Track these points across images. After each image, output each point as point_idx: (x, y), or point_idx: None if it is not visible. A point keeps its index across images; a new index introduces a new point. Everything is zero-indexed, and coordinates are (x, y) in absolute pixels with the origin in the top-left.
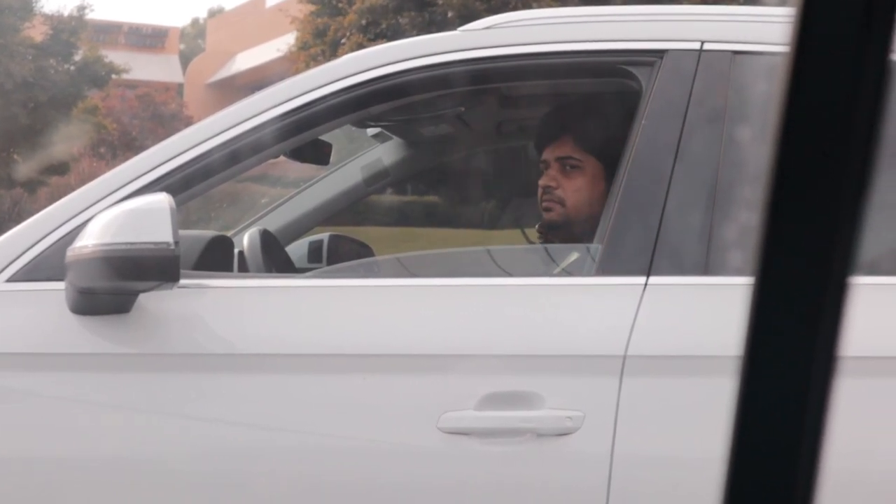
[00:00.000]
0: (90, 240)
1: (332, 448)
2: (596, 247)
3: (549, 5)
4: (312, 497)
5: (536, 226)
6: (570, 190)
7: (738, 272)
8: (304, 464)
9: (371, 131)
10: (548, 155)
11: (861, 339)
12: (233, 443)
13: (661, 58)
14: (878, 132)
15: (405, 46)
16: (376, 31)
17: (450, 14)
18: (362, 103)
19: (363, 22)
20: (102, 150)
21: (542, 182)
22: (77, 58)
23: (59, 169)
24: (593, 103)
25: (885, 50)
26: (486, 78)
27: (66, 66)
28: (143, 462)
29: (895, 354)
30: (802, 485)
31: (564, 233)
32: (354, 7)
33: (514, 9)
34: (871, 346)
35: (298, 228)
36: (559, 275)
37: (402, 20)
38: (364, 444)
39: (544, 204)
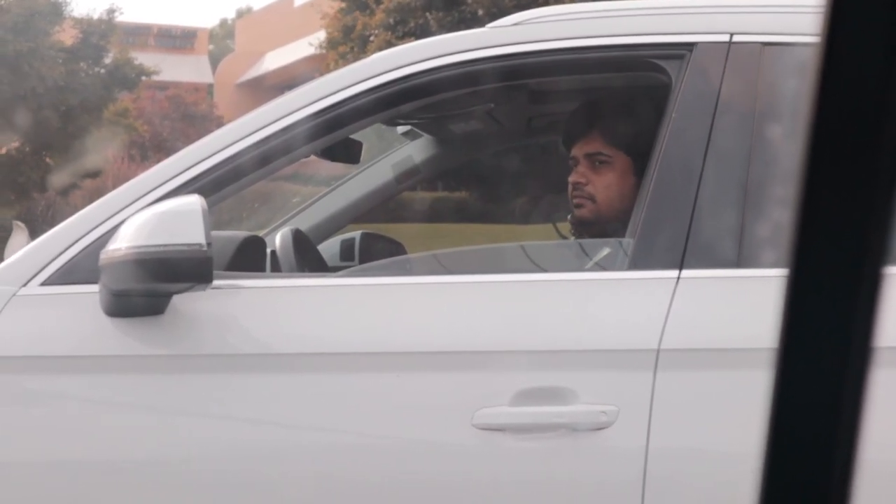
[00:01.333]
0: (123, 242)
1: (368, 446)
2: (628, 241)
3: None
4: (348, 495)
5: (568, 219)
6: (600, 186)
7: (771, 265)
8: (339, 463)
9: (401, 129)
10: (576, 151)
11: None
12: (268, 443)
13: (691, 51)
14: None
15: (434, 44)
16: (405, 29)
17: (480, 11)
18: (392, 102)
19: (391, 21)
20: (134, 152)
21: (571, 179)
22: (107, 61)
23: (92, 172)
24: (620, 98)
25: None
26: (515, 74)
27: (96, 69)
28: (178, 464)
29: None
30: (839, 477)
31: (596, 228)
32: (382, 6)
33: (543, 5)
34: None
35: (330, 227)
36: (592, 269)
37: (431, 18)
38: (399, 441)
39: (575, 200)
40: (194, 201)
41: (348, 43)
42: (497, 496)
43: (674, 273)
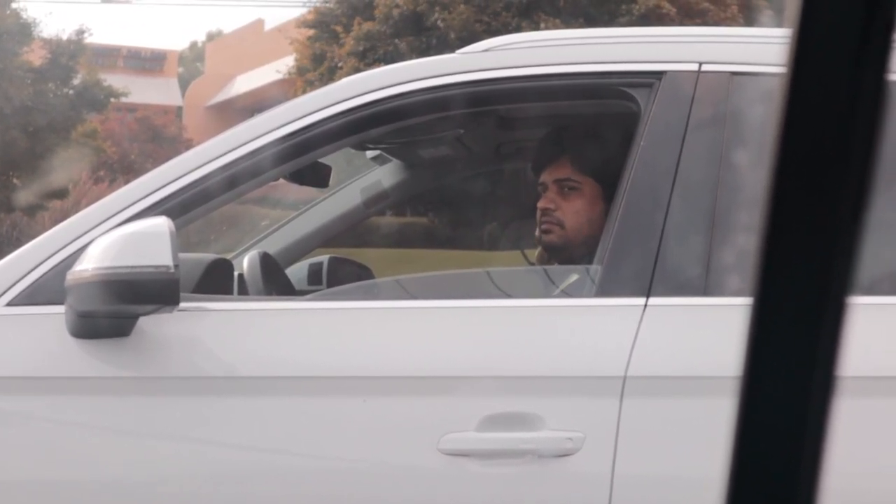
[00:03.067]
0: (90, 263)
1: (334, 470)
2: (595, 268)
3: (550, 27)
4: None
5: (537, 248)
6: (568, 212)
7: (738, 293)
8: (305, 486)
9: (370, 154)
10: (546, 177)
11: (860, 358)
12: (234, 466)
13: (660, 79)
14: (875, 152)
15: (403, 69)
16: (374, 56)
17: (451, 35)
18: (361, 126)
19: (360, 48)
20: (102, 173)
21: (540, 204)
22: (76, 81)
23: (59, 193)
24: (590, 125)
25: (882, 71)
26: (484, 100)
27: (65, 89)
28: (143, 486)
29: (894, 374)
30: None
31: (564, 255)
32: (352, 33)
33: (515, 31)
34: (870, 366)
35: (298, 251)
36: (559, 296)
37: (401, 45)
38: (365, 465)
39: (543, 226)
40: (162, 223)
41: (317, 70)
42: None
43: (641, 300)
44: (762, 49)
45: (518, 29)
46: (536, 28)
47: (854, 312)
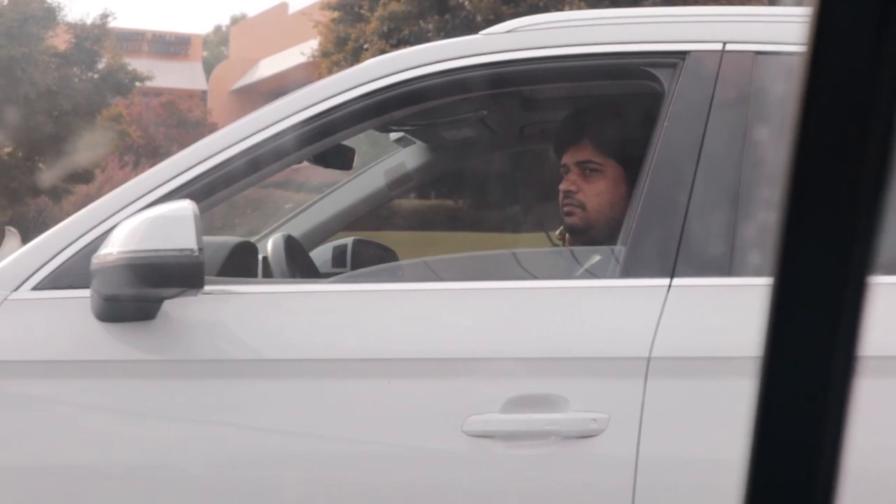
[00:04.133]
0: (115, 247)
1: (358, 453)
2: (619, 249)
3: (575, 9)
4: (340, 502)
5: (559, 229)
6: (590, 194)
7: (762, 273)
8: (330, 469)
9: (393, 136)
10: (567, 159)
11: (881, 338)
12: (258, 449)
13: (684, 59)
14: None
15: (427, 51)
16: (399, 36)
17: (478, 18)
18: (384, 108)
19: (385, 28)
20: (127, 157)
21: (562, 186)
22: (101, 66)
23: (84, 177)
24: (612, 106)
25: None
26: (508, 81)
27: (89, 74)
28: (168, 469)
29: None
30: (823, 484)
31: (586, 236)
32: (377, 14)
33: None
34: (890, 346)
35: (322, 233)
36: (583, 277)
37: (425, 25)
38: (390, 448)
39: (565, 208)
40: (186, 206)
41: (342, 52)
42: (487, 503)
43: (665, 281)
44: (786, 28)
45: (545, 11)
46: (561, 10)
47: (875, 292)
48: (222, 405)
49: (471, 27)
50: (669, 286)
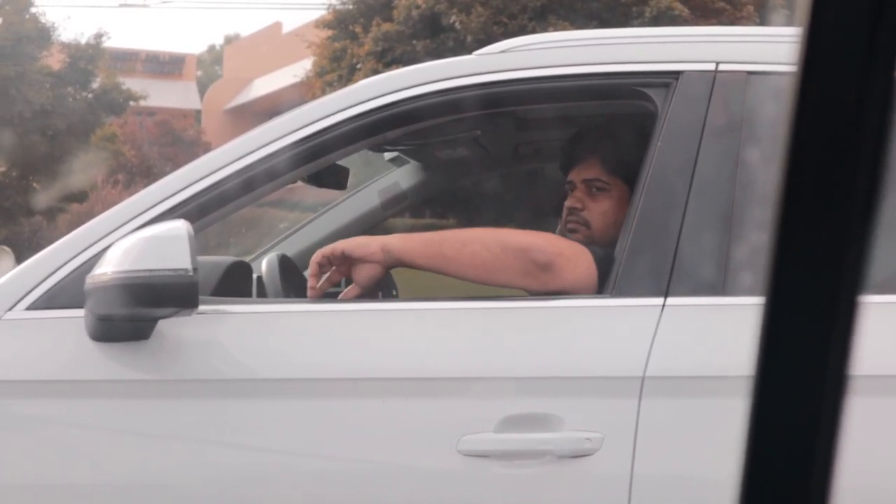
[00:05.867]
0: (109, 267)
1: (353, 472)
2: (614, 268)
3: (562, 30)
4: None
5: None
6: (596, 212)
7: (755, 292)
8: (325, 488)
9: (388, 155)
10: (574, 176)
11: (872, 357)
12: (253, 468)
13: (677, 79)
14: (886, 150)
15: (420, 71)
16: (392, 55)
17: (468, 38)
18: (378, 128)
19: (378, 48)
20: (121, 176)
21: (567, 204)
22: (95, 85)
23: (78, 196)
24: (621, 126)
25: (891, 68)
26: (502, 101)
27: (84, 93)
28: (162, 489)
29: None
30: (815, 502)
31: None
32: (371, 34)
33: (532, 32)
34: (881, 365)
35: None
36: (577, 296)
37: (418, 46)
38: (384, 467)
39: (569, 226)
40: (180, 226)
41: (336, 71)
42: None
43: (659, 300)
44: (778, 48)
45: (533, 32)
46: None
47: (866, 311)
48: (217, 425)
49: (462, 49)
50: (664, 305)
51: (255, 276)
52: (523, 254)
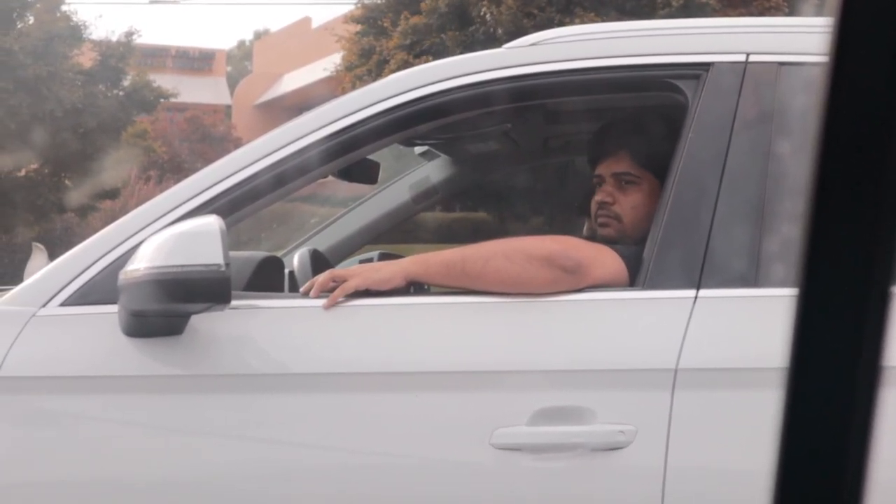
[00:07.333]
0: (142, 263)
1: (386, 466)
2: (647, 260)
3: (587, 21)
4: None
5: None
6: (626, 206)
7: (787, 284)
8: (357, 482)
9: (418, 149)
10: (603, 170)
11: None
12: (286, 463)
13: (707, 70)
14: None
15: (450, 65)
16: (420, 48)
17: (499, 31)
18: (408, 123)
19: (407, 42)
20: (152, 173)
21: (597, 198)
22: (126, 83)
23: (110, 193)
24: (651, 118)
25: None
26: (532, 94)
27: (115, 91)
28: (196, 484)
29: None
30: (850, 493)
31: None
32: (399, 28)
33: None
34: None
35: (348, 247)
36: (609, 289)
37: (447, 39)
38: (418, 461)
39: (600, 220)
40: (212, 222)
41: (366, 65)
42: None
43: (691, 293)
44: (809, 39)
45: (559, 25)
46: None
47: None
48: (250, 420)
49: (492, 41)
50: (696, 297)
51: (286, 271)
52: (549, 262)
